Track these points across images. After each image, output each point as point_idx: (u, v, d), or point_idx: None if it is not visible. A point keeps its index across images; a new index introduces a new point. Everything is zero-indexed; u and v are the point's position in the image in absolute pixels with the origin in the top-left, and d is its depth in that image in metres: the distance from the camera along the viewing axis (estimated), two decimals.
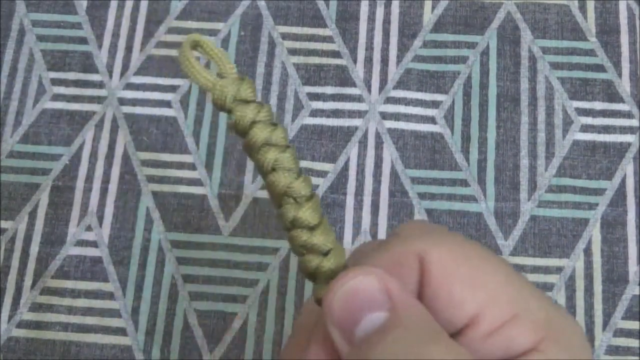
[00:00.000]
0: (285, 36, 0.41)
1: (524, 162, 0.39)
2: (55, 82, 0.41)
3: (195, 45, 0.19)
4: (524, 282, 0.18)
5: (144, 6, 0.42)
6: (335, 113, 0.40)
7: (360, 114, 0.40)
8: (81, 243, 0.38)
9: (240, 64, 0.41)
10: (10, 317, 0.37)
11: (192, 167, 0.39)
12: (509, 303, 0.18)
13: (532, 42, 0.41)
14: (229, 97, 0.18)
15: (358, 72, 0.40)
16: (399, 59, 0.41)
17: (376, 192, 0.38)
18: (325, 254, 0.18)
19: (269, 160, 0.18)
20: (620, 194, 0.38)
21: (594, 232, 0.38)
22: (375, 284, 0.17)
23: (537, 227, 0.38)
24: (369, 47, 0.41)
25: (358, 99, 0.40)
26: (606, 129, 0.39)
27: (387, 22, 0.41)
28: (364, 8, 0.42)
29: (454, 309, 0.18)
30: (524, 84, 0.40)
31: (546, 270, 0.37)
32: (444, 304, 0.18)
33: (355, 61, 0.41)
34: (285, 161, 0.18)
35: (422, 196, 0.38)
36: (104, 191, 0.39)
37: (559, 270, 0.37)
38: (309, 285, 0.37)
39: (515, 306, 0.17)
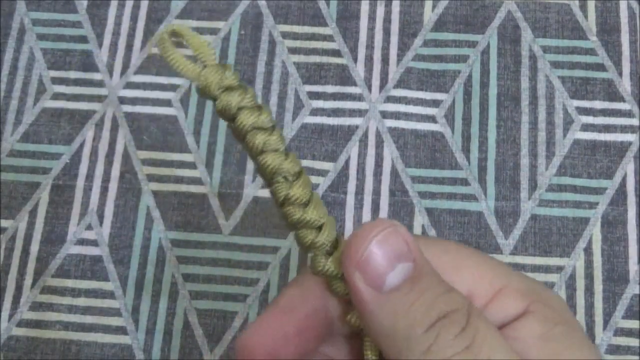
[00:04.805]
0: (285, 35, 0.41)
1: (525, 161, 0.39)
2: (55, 80, 0.41)
3: (174, 35, 0.19)
4: (501, 263, 0.20)
5: (144, 5, 0.42)
6: (336, 112, 0.40)
7: (360, 112, 0.40)
8: (81, 242, 0.38)
9: (241, 63, 0.41)
10: (10, 316, 0.37)
11: (192, 166, 0.39)
12: (493, 280, 0.19)
13: (533, 41, 0.41)
14: (214, 85, 0.19)
15: (358, 71, 0.40)
16: (400, 57, 0.41)
17: (376, 191, 0.38)
18: (319, 227, 0.19)
19: (258, 143, 0.19)
20: (620, 193, 0.38)
21: (595, 231, 0.38)
22: (402, 236, 0.18)
23: (537, 226, 0.38)
24: (370, 46, 0.41)
25: (358, 97, 0.40)
26: (607, 128, 0.39)
27: (387, 21, 0.41)
28: (365, 7, 0.42)
29: None
30: (525, 83, 0.40)
31: (546, 269, 0.37)
32: None
33: (355, 60, 0.41)
34: (273, 143, 0.19)
35: (422, 195, 0.38)
36: (104, 190, 0.39)
37: (559, 269, 0.37)
38: None
39: (498, 281, 0.19)
